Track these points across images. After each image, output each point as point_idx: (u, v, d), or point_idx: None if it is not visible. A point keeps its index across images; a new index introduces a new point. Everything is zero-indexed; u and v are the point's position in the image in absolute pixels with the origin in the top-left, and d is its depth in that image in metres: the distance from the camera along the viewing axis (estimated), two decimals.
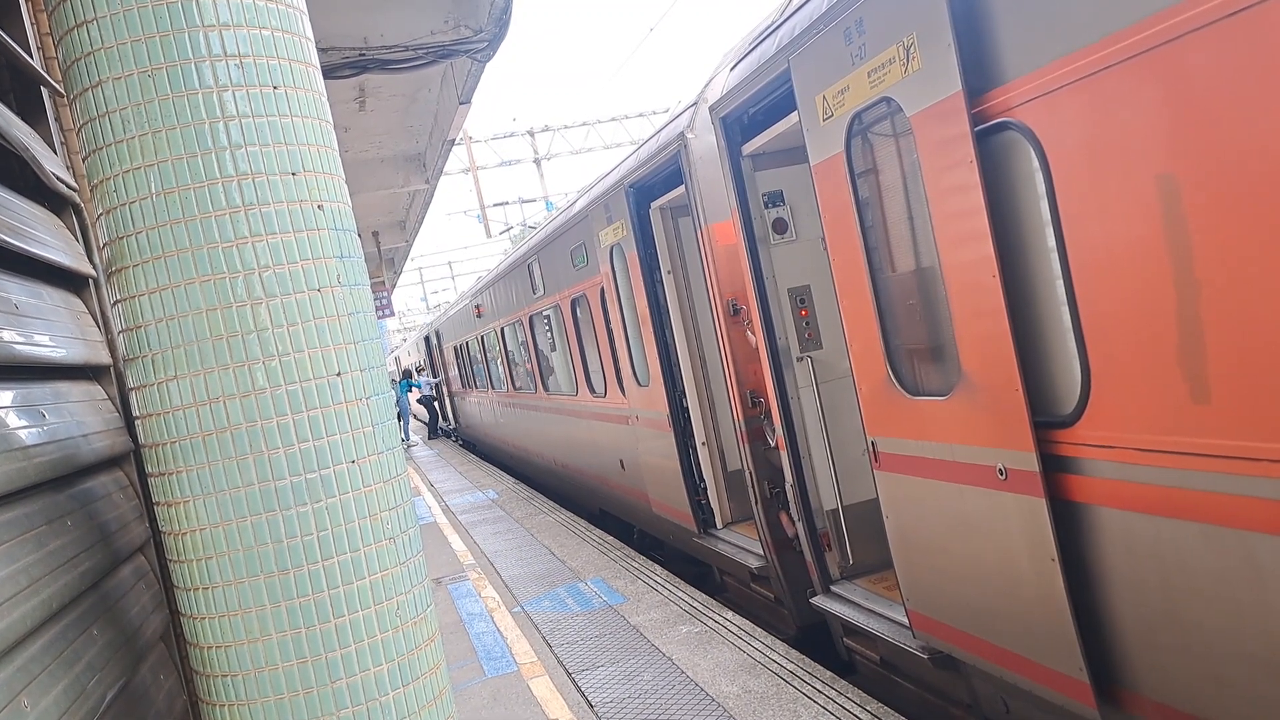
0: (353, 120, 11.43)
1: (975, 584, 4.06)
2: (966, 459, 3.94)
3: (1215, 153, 2.70)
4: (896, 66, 3.89)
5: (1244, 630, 2.90)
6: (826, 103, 4.47)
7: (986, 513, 3.87)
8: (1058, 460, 3.48)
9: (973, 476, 3.92)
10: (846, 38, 4.19)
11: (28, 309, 2.35)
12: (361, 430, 2.13)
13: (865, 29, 4.05)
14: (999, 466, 3.74)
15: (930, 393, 4.18)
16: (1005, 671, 3.99)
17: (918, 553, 4.46)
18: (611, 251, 8.57)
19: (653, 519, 9.31)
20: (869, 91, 4.11)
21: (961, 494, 4.02)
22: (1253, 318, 2.67)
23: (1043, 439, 3.52)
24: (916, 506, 4.39)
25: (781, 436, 5.81)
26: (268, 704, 2.03)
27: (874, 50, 4.01)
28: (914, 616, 4.62)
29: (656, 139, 7.56)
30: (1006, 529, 3.77)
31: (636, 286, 8.06)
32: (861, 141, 4.38)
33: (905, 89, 3.86)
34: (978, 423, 3.83)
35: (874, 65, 4.03)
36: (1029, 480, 3.56)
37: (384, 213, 18.12)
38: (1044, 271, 3.45)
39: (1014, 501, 3.68)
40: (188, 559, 2.05)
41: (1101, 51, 2.96)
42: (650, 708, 5.33)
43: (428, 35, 8.12)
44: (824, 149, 4.59)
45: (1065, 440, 3.43)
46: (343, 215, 2.20)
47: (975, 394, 3.80)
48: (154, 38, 1.96)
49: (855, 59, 4.15)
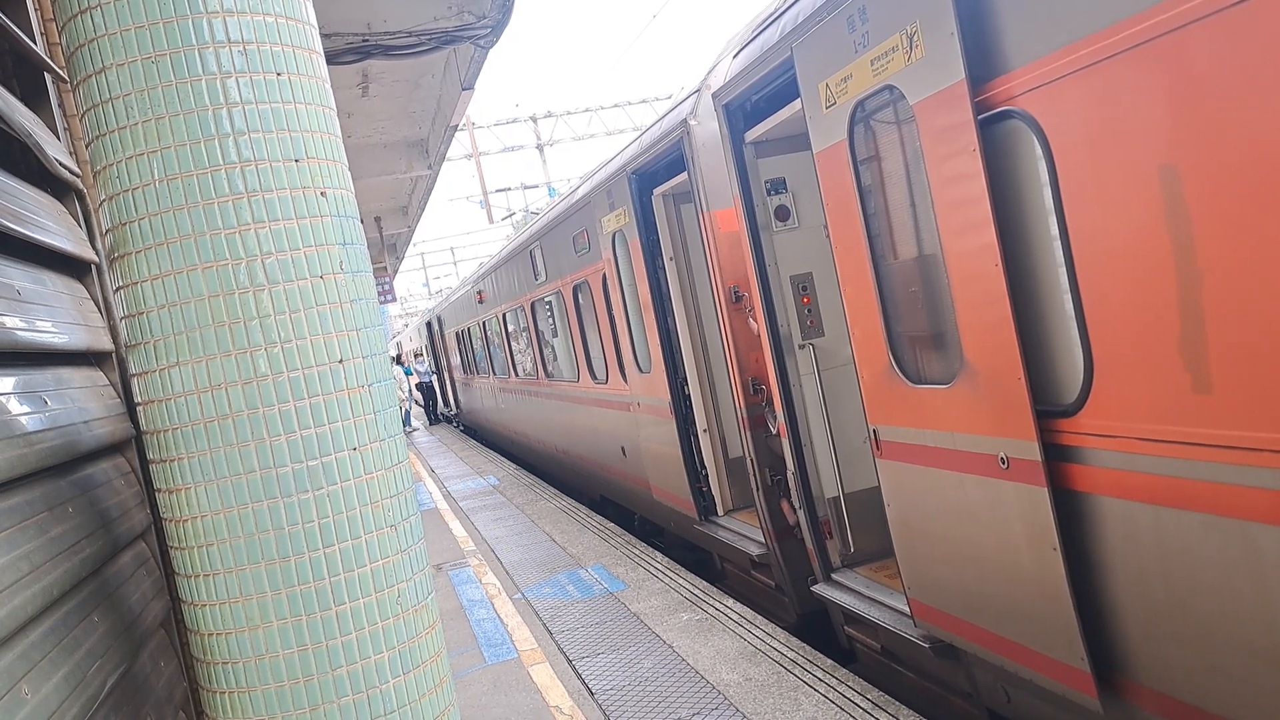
0: (356, 106, 11.40)
1: (977, 573, 4.07)
2: (968, 448, 3.95)
3: (1219, 143, 2.69)
4: (900, 55, 3.90)
5: (1244, 620, 2.91)
6: (829, 91, 4.48)
7: (988, 502, 3.88)
8: (1059, 449, 3.48)
9: (974, 465, 3.93)
10: (850, 25, 4.19)
11: (30, 295, 2.35)
12: (363, 417, 2.13)
13: (868, 17, 4.06)
14: (1000, 455, 3.74)
15: (932, 381, 4.19)
16: (1006, 660, 4.01)
17: (919, 541, 4.47)
18: (614, 238, 8.55)
19: (653, 506, 9.35)
20: (872, 80, 4.11)
21: (963, 483, 4.02)
22: (1253, 307, 2.67)
23: (1045, 428, 3.52)
24: (918, 495, 4.40)
25: (783, 424, 5.81)
26: (268, 691, 2.04)
27: (877, 38, 4.02)
28: (915, 605, 4.64)
29: (659, 125, 7.54)
30: (1008, 518, 3.77)
31: (639, 273, 8.05)
32: (864, 129, 4.39)
33: (908, 77, 3.87)
34: (979, 411, 3.84)
35: (877, 53, 4.04)
36: (1031, 469, 3.56)
37: (387, 198, 18.09)
38: (1047, 261, 3.45)
39: (1015, 490, 3.69)
40: (188, 546, 2.05)
41: (1104, 41, 2.97)
42: (651, 695, 5.35)
43: (431, 21, 8.09)
44: (827, 137, 4.59)
45: (1067, 429, 3.43)
46: (345, 202, 2.20)
47: (977, 382, 3.81)
48: (157, 24, 1.95)
49: (858, 47, 4.16)
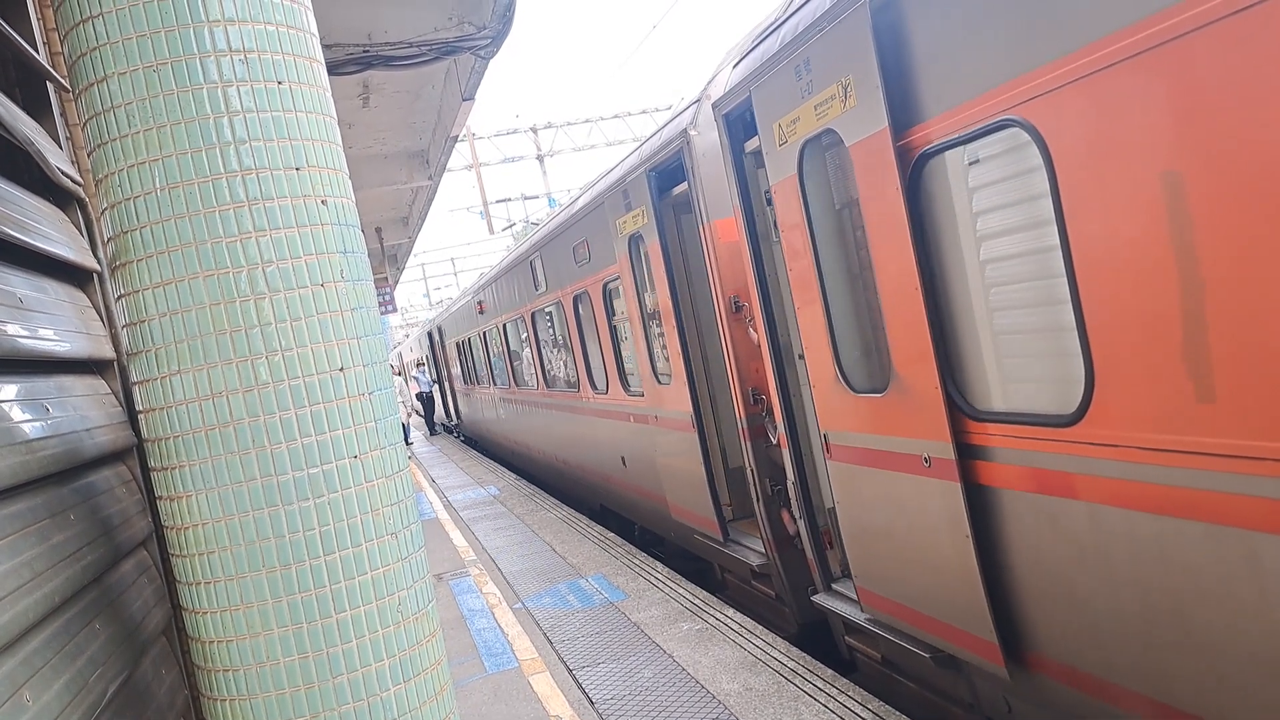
0: (356, 116, 11.43)
1: (908, 559, 4.55)
2: (899, 449, 4.43)
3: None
4: (837, 103, 4.38)
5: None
6: (782, 130, 4.97)
7: (915, 496, 4.35)
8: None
9: (905, 465, 4.40)
10: (797, 74, 4.68)
11: (32, 303, 2.36)
12: (364, 425, 2.13)
13: (811, 68, 4.53)
14: (924, 455, 4.21)
15: (870, 390, 4.67)
16: (934, 637, 4.50)
17: (863, 534, 4.95)
18: (630, 241, 8.08)
19: (670, 524, 8.81)
20: (816, 123, 4.61)
21: (896, 480, 4.50)
22: (1253, 316, 2.69)
23: (960, 430, 3.99)
24: (861, 493, 4.87)
25: (783, 434, 5.81)
26: (269, 699, 2.04)
27: (819, 87, 4.50)
28: (862, 592, 5.08)
29: (659, 135, 7.54)
30: (931, 510, 4.24)
31: (658, 278, 7.57)
32: (811, 166, 4.89)
33: (844, 123, 4.35)
34: (907, 417, 4.32)
35: (819, 100, 4.52)
36: (948, 467, 4.06)
37: (387, 208, 18.12)
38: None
39: (936, 486, 4.17)
40: (189, 553, 2.05)
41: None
42: (651, 705, 5.34)
43: (432, 32, 8.11)
44: (780, 170, 5.07)
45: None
46: (346, 210, 2.21)
47: (905, 391, 4.29)
48: (159, 33, 1.96)
49: (804, 93, 4.65)
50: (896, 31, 3.92)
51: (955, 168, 3.88)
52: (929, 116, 3.83)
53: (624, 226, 8.14)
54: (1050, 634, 3.76)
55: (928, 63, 3.79)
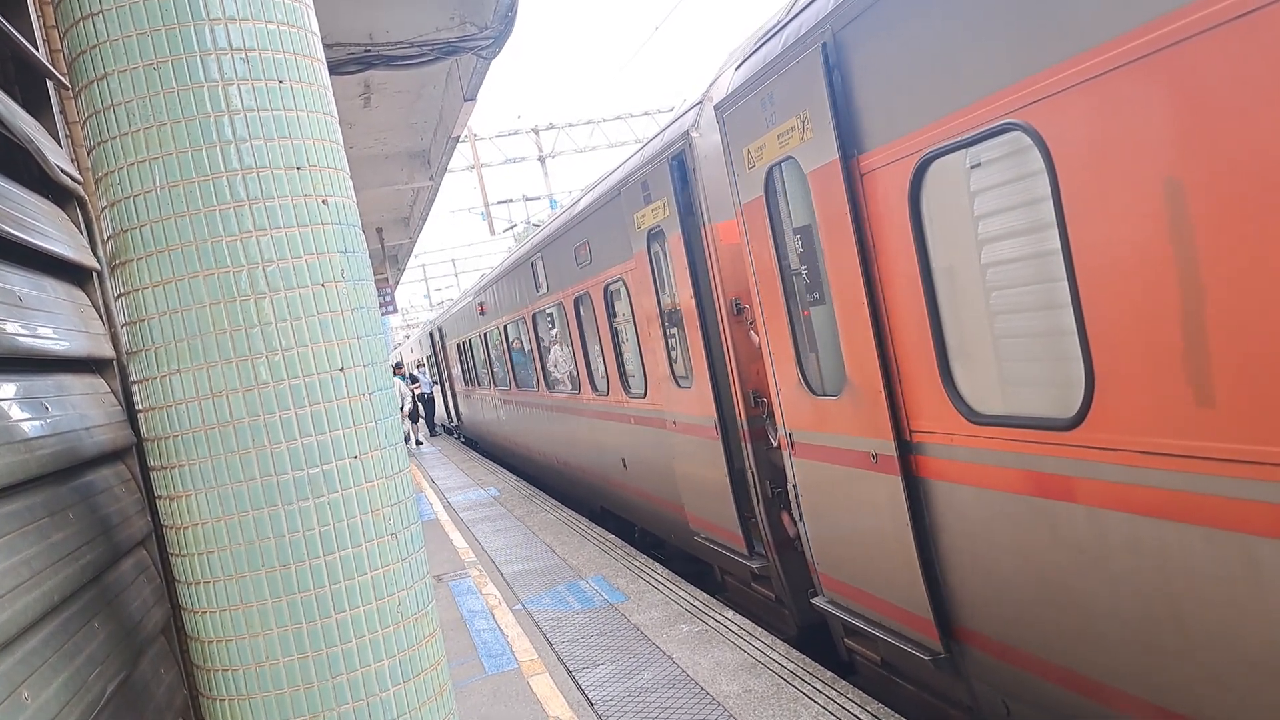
0: (358, 116, 11.42)
1: (857, 544, 5.02)
2: (852, 446, 4.88)
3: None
4: (796, 134, 4.80)
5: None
6: (750, 155, 5.38)
7: (865, 489, 4.80)
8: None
9: (856, 460, 4.85)
10: (763, 104, 5.10)
11: (31, 301, 2.35)
12: (364, 425, 2.13)
13: (774, 100, 4.96)
14: (872, 452, 4.66)
15: (827, 393, 5.12)
16: (879, 615, 4.96)
17: (822, 525, 5.42)
18: (649, 235, 7.61)
19: (689, 536, 8.32)
20: (779, 150, 5.03)
21: (849, 475, 4.95)
22: (1254, 321, 2.68)
23: (903, 430, 4.39)
24: (820, 486, 5.33)
25: (784, 436, 5.80)
26: (268, 699, 2.03)
27: (782, 118, 4.92)
28: (822, 578, 5.56)
29: (661, 137, 7.53)
30: (877, 501, 4.69)
31: (680, 275, 7.14)
32: (775, 189, 5.28)
33: (803, 152, 4.77)
34: (858, 417, 4.75)
35: (782, 130, 4.95)
36: (890, 463, 4.50)
37: (388, 209, 18.11)
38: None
39: (880, 479, 4.62)
40: (189, 553, 2.04)
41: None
42: (650, 706, 5.33)
43: (433, 32, 8.10)
44: (749, 192, 5.48)
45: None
46: (347, 210, 2.20)
47: (856, 394, 4.73)
48: (159, 31, 1.96)
49: (769, 123, 5.07)
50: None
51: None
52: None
53: (642, 220, 7.65)
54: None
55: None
